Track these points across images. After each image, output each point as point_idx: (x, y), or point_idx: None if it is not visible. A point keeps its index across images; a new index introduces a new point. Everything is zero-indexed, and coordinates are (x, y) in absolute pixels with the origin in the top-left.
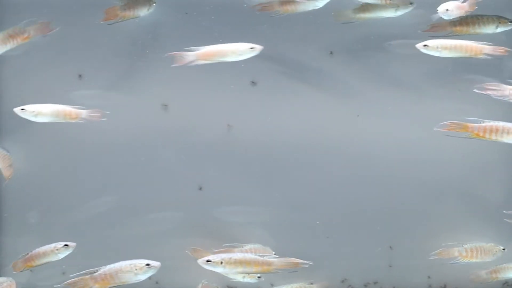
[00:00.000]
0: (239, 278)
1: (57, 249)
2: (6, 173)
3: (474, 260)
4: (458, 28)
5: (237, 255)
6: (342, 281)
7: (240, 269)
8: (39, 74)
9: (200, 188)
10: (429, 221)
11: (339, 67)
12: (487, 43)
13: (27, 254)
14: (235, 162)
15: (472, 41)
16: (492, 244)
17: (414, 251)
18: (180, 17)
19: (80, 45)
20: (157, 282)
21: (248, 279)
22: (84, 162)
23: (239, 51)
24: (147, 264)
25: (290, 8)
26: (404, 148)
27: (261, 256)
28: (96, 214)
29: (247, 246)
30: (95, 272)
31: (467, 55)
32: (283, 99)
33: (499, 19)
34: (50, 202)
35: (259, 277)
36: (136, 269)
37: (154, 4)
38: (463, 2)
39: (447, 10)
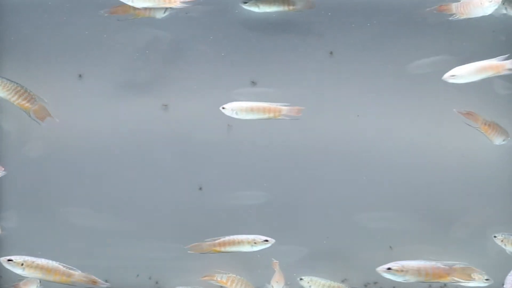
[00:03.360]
0: None
1: (255, 242)
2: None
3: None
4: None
5: (40, 260)
6: (342, 281)
7: (40, 275)
8: (39, 74)
9: (200, 188)
10: (429, 221)
11: (339, 67)
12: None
13: (219, 238)
14: (235, 162)
15: (490, 60)
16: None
17: (414, 251)
18: (181, 17)
19: (80, 45)
20: (157, 282)
21: None
22: (84, 162)
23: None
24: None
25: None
26: (404, 148)
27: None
28: (96, 214)
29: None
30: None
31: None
32: (283, 99)
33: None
34: (50, 202)
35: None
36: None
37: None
38: None
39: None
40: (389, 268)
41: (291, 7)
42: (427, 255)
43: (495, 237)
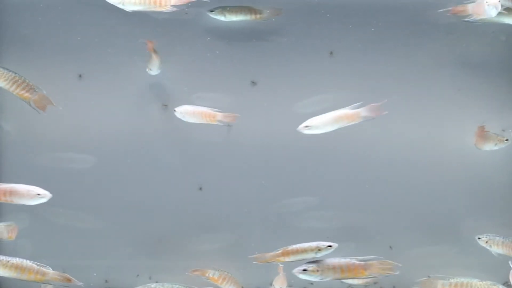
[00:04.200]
0: None
1: (319, 249)
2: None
3: None
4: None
5: (14, 259)
6: (342, 281)
7: (14, 274)
8: (39, 74)
9: (200, 188)
10: (429, 221)
11: (339, 67)
12: None
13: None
14: (235, 162)
15: (344, 109)
16: (488, 282)
17: (414, 251)
18: (181, 16)
19: (80, 45)
20: (157, 281)
21: None
22: (84, 161)
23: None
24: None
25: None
26: (404, 148)
27: (40, 265)
28: (96, 214)
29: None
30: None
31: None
32: (283, 99)
33: None
34: (49, 201)
35: None
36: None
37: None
38: None
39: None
40: (304, 270)
41: (258, 16)
42: (427, 255)
43: (479, 238)
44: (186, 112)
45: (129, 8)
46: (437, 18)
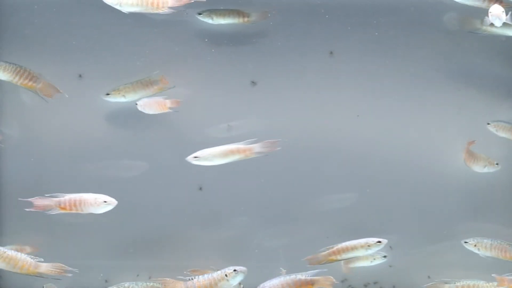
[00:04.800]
0: None
1: (368, 245)
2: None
3: None
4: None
5: (10, 251)
6: (342, 281)
7: (8, 266)
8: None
9: (200, 188)
10: (429, 221)
11: (339, 67)
12: None
13: (332, 247)
14: (235, 162)
15: (237, 144)
16: (494, 283)
17: (414, 251)
18: (180, 17)
19: (80, 45)
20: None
21: None
22: (84, 162)
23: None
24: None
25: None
26: (404, 148)
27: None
28: (96, 214)
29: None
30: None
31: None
32: (283, 99)
33: None
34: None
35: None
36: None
37: None
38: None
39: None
40: None
41: (246, 19)
42: (427, 255)
43: (465, 242)
44: (145, 105)
45: (126, 9)
46: (437, 18)
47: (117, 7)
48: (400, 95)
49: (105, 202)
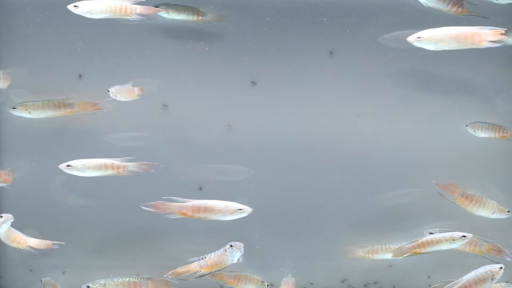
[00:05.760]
0: None
1: (453, 239)
2: None
3: None
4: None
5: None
6: (342, 281)
7: None
8: (39, 74)
9: (200, 188)
10: (429, 221)
11: (339, 67)
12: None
13: (417, 240)
14: (235, 162)
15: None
16: (502, 284)
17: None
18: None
19: (80, 45)
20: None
21: None
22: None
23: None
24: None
25: None
26: (404, 148)
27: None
28: (96, 214)
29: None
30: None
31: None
32: (283, 99)
33: None
34: (49, 201)
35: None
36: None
37: None
38: None
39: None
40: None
41: (200, 18)
42: (427, 255)
43: (431, 233)
44: (117, 92)
45: (96, 16)
46: (437, 17)
47: (88, 15)
48: (400, 95)
49: (240, 210)
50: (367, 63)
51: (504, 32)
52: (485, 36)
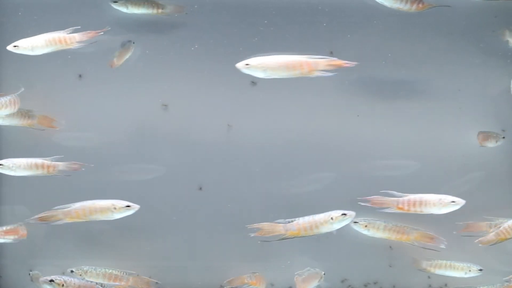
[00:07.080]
0: None
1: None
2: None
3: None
4: None
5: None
6: (342, 281)
7: None
8: (39, 74)
9: (200, 188)
10: (429, 221)
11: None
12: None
13: (499, 227)
14: (235, 162)
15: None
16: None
17: (414, 250)
18: (181, 16)
19: (79, 45)
20: (157, 282)
21: None
22: (83, 162)
23: None
24: None
25: None
26: (404, 148)
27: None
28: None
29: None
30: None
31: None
32: (283, 99)
33: None
34: (49, 201)
35: None
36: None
37: None
38: None
39: None
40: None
41: (160, 11)
42: (426, 255)
43: (355, 223)
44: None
45: (39, 52)
46: (437, 17)
47: (30, 52)
48: (400, 95)
49: (453, 202)
50: (367, 63)
51: (341, 63)
52: (316, 65)
